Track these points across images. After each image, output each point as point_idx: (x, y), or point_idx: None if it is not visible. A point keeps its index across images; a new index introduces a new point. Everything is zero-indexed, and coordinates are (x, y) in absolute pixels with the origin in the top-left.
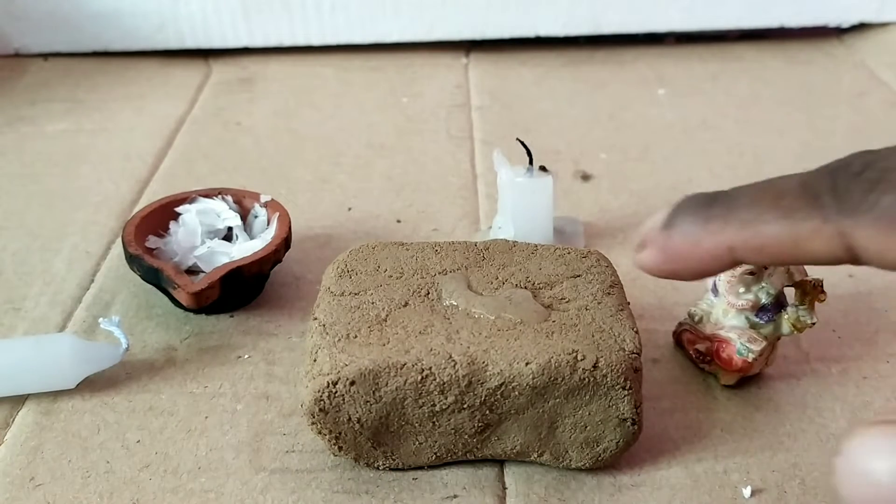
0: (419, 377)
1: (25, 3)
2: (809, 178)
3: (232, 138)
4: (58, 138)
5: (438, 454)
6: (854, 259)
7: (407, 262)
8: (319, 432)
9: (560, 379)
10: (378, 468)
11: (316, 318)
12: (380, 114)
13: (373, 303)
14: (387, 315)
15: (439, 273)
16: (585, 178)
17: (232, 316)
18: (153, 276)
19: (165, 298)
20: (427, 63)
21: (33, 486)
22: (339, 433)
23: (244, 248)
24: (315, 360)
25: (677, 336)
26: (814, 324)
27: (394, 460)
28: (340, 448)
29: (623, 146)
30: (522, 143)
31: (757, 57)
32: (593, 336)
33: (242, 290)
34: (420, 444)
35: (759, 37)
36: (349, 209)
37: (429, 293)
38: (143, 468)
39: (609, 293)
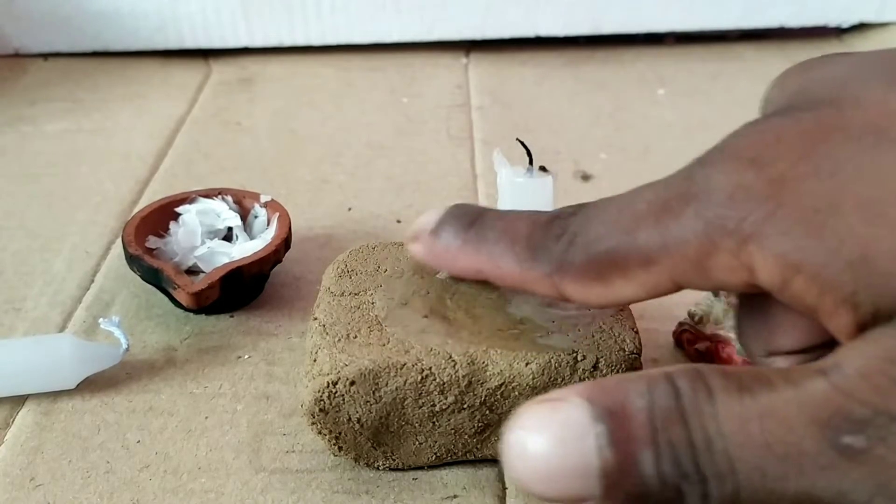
0: (419, 377)
1: (25, 3)
2: (534, 230)
3: (232, 138)
4: (58, 138)
5: (438, 454)
6: (567, 299)
7: (407, 262)
8: (319, 432)
9: (560, 379)
10: (378, 468)
11: (316, 319)
12: (380, 114)
13: (373, 303)
14: (387, 315)
15: (439, 273)
16: (585, 178)
17: (232, 316)
18: (153, 277)
19: (165, 299)
20: (427, 63)
21: (33, 487)
22: (339, 433)
23: (244, 249)
24: (315, 361)
25: (677, 336)
26: None
27: (394, 460)
28: (340, 448)
29: (623, 146)
30: (522, 143)
31: (757, 57)
32: (593, 336)
33: (242, 291)
34: (420, 444)
35: (759, 37)
36: (349, 209)
37: (429, 293)
38: (144, 468)
39: None
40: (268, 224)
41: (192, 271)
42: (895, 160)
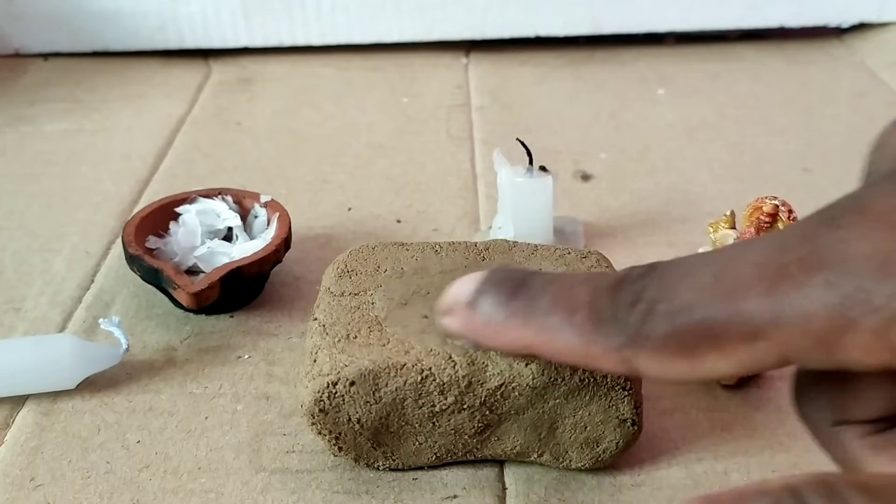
0: (419, 377)
1: (25, 3)
2: (597, 297)
3: (232, 138)
4: (58, 138)
5: (438, 454)
6: (638, 375)
7: (407, 263)
8: (319, 433)
9: (560, 379)
10: (378, 468)
11: (316, 319)
12: (380, 114)
13: (373, 303)
14: (387, 315)
15: (439, 273)
16: (585, 178)
17: (232, 316)
18: (153, 277)
19: (165, 299)
20: (427, 63)
21: (33, 487)
22: (339, 433)
23: (244, 249)
24: (315, 361)
25: None
26: None
27: (394, 460)
28: (340, 448)
29: (623, 146)
30: (522, 143)
31: (757, 57)
32: None
33: (242, 291)
34: (420, 444)
35: (759, 37)
36: (349, 209)
37: (429, 293)
38: (144, 468)
39: None
40: (268, 224)
41: (192, 271)
42: None
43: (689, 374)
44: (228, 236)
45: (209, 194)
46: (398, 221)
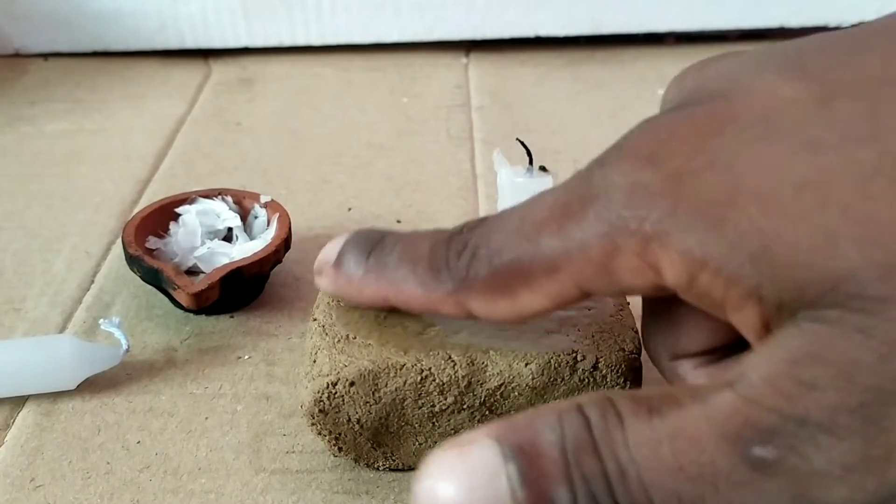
0: (419, 378)
1: (25, 3)
2: (434, 249)
3: (232, 138)
4: (58, 138)
5: None
6: (475, 317)
7: None
8: (319, 433)
9: (560, 379)
10: (378, 469)
11: (315, 319)
12: (380, 114)
13: None
14: (386, 315)
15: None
16: None
17: (232, 316)
18: (153, 277)
19: (165, 299)
20: (427, 63)
21: (33, 488)
22: (339, 434)
23: (244, 249)
24: (315, 361)
25: None
26: None
27: (394, 461)
28: (340, 449)
29: None
30: (522, 143)
31: None
32: (593, 336)
33: (242, 291)
34: (420, 444)
35: (759, 37)
36: (349, 209)
37: None
38: (144, 469)
39: None
40: (268, 224)
41: (192, 272)
42: (786, 150)
43: (513, 312)
44: (228, 237)
45: (209, 194)
46: (398, 221)
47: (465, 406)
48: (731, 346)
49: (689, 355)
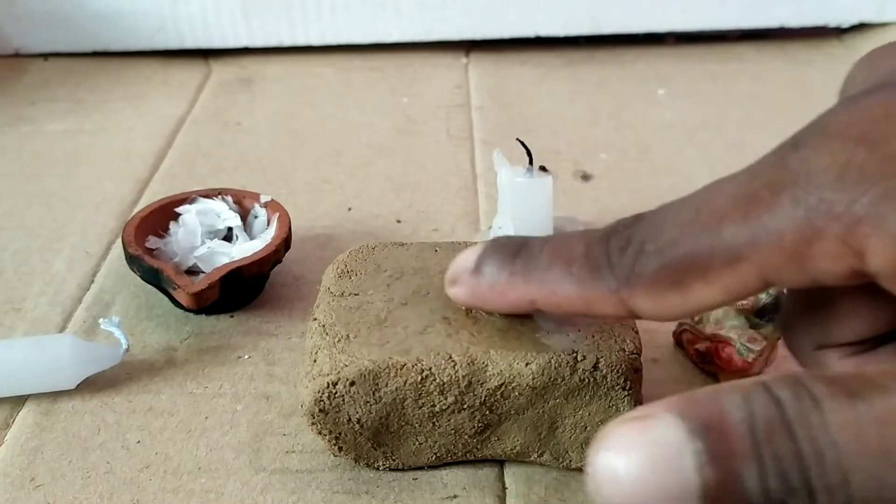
0: (419, 377)
1: (25, 3)
2: (592, 247)
3: (232, 138)
4: (58, 138)
5: (438, 454)
6: (636, 316)
7: (407, 262)
8: (319, 433)
9: (560, 379)
10: (378, 468)
11: (315, 319)
12: (380, 114)
13: (372, 303)
14: (387, 315)
15: (439, 273)
16: (585, 178)
17: (232, 316)
18: (153, 277)
19: (165, 299)
20: (427, 63)
21: (33, 487)
22: (339, 433)
23: (244, 249)
24: (315, 361)
25: (677, 336)
26: None
27: (394, 461)
28: (340, 448)
29: (623, 146)
30: (522, 143)
31: (757, 57)
32: (593, 336)
33: (242, 291)
34: (420, 444)
35: (759, 37)
36: (349, 209)
37: (429, 293)
38: (144, 469)
39: None
40: (268, 224)
41: (192, 271)
42: None
43: (681, 308)
44: (228, 236)
45: (209, 194)
46: (398, 221)
47: (465, 406)
48: (882, 336)
49: (837, 345)
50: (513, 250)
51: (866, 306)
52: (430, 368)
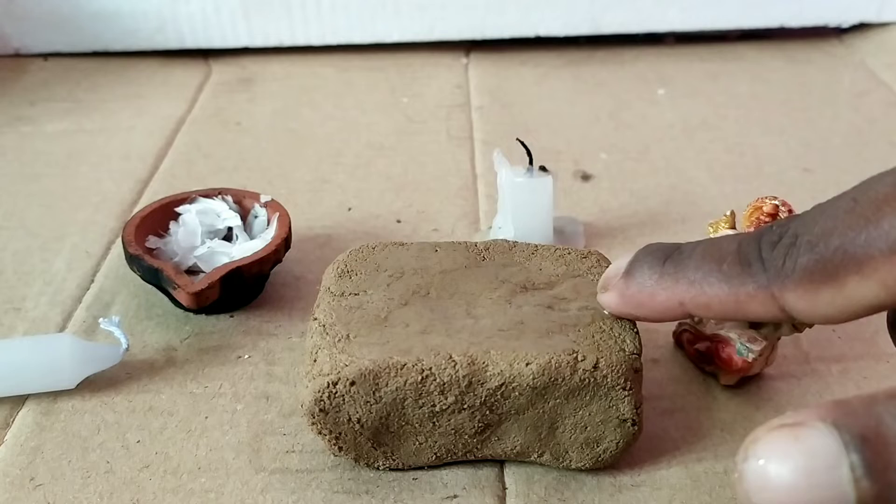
0: (419, 377)
1: (25, 3)
2: (743, 244)
3: (232, 138)
4: (58, 138)
5: (438, 454)
6: (789, 317)
7: (407, 262)
8: (319, 432)
9: (560, 379)
10: (378, 468)
11: (316, 319)
12: (380, 114)
13: (373, 303)
14: (387, 315)
15: (439, 273)
16: (585, 178)
17: (232, 316)
18: (153, 277)
19: (165, 298)
20: (427, 63)
21: (33, 487)
22: (340, 433)
23: (244, 248)
24: (315, 361)
25: (677, 336)
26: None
27: (394, 460)
28: (340, 448)
29: (623, 146)
30: (522, 143)
31: (757, 57)
32: (593, 337)
33: (242, 290)
34: (420, 444)
35: (759, 37)
36: (349, 209)
37: (429, 293)
38: (144, 468)
39: None
40: (268, 224)
41: (192, 271)
42: None
43: (835, 306)
44: (228, 236)
45: (209, 194)
46: (398, 221)
47: (465, 406)
48: None
49: None
50: (664, 254)
51: None
52: (431, 368)
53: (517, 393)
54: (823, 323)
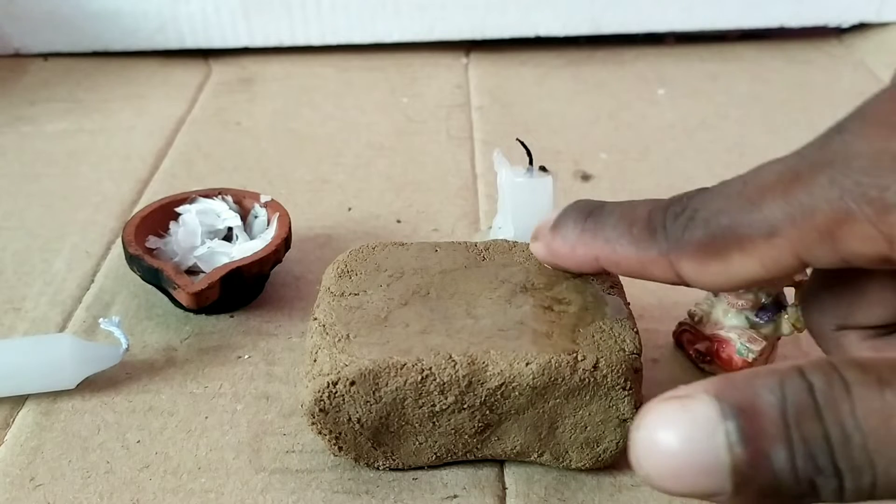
0: (419, 377)
1: (25, 3)
2: (653, 213)
3: (232, 138)
4: (58, 138)
5: (438, 454)
6: (684, 282)
7: (407, 262)
8: (319, 432)
9: (560, 379)
10: (378, 468)
11: (316, 319)
12: (380, 114)
13: (373, 303)
14: (387, 315)
15: (439, 273)
16: (585, 178)
17: (232, 316)
18: (153, 277)
19: (165, 298)
20: (427, 63)
21: (33, 487)
22: (340, 433)
23: (244, 249)
24: (315, 361)
25: (677, 336)
26: None
27: (394, 460)
28: (340, 448)
29: (623, 146)
30: (522, 143)
31: (757, 57)
32: (593, 336)
33: (242, 291)
34: (420, 444)
35: (759, 37)
36: (349, 209)
37: (429, 293)
38: (144, 468)
39: (609, 293)
40: (268, 224)
41: (192, 271)
42: None
43: (722, 277)
44: (228, 236)
45: (209, 194)
46: (398, 221)
47: (465, 405)
48: None
49: (859, 327)
50: (588, 210)
51: (894, 291)
52: (431, 368)
53: (517, 393)
54: (712, 290)
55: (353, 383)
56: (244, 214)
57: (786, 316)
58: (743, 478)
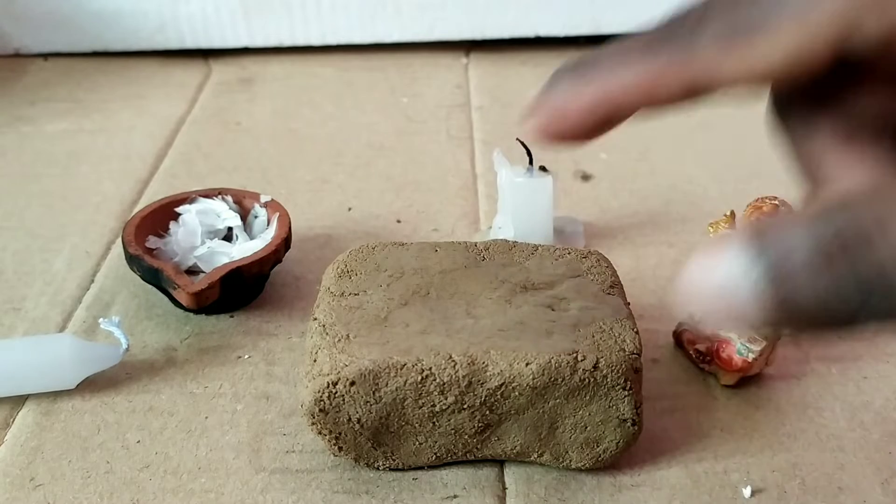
0: (419, 377)
1: (25, 3)
2: (655, 29)
3: (232, 138)
4: (58, 138)
5: (438, 454)
6: (700, 87)
7: (407, 262)
8: (319, 432)
9: (560, 379)
10: (378, 468)
11: (316, 319)
12: (380, 114)
13: (373, 303)
14: (387, 315)
15: (439, 273)
16: (585, 178)
17: (232, 316)
18: (153, 277)
19: (165, 298)
20: (427, 63)
21: (33, 487)
22: (339, 433)
23: (244, 249)
24: (315, 361)
25: (677, 336)
26: None
27: (394, 460)
28: (340, 448)
29: (623, 146)
30: (522, 143)
31: None
32: (593, 336)
33: (242, 291)
34: (420, 444)
35: None
36: (349, 209)
37: (429, 293)
38: (144, 468)
39: (609, 293)
40: (268, 224)
41: (192, 271)
42: None
43: (745, 62)
44: (228, 236)
45: (209, 194)
46: (398, 221)
47: (465, 405)
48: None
49: (836, 126)
50: (577, 59)
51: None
52: (431, 368)
53: (517, 393)
54: (732, 82)
55: (353, 383)
56: (244, 214)
57: None
58: (790, 302)
